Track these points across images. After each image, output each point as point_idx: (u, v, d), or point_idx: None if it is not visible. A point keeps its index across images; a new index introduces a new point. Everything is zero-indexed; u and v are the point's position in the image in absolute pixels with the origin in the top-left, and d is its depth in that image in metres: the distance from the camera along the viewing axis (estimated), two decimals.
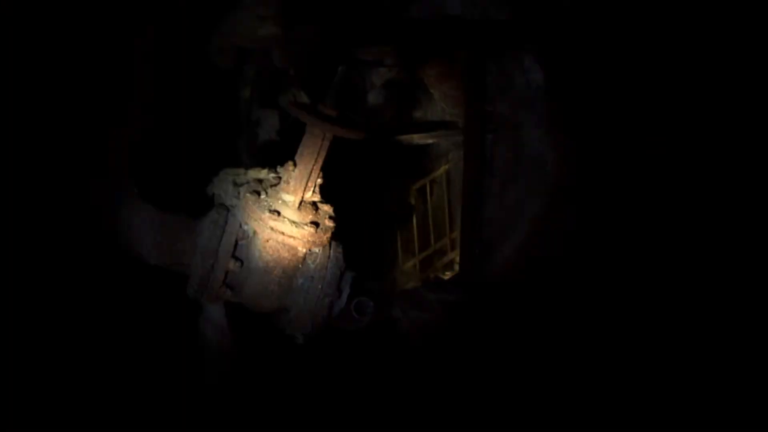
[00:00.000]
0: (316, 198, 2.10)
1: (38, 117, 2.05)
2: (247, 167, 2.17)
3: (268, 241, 1.97)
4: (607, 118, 2.95)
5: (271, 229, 1.95)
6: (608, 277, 2.83)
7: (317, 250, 2.04)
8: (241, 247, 1.99)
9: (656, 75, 2.92)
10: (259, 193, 2.01)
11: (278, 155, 2.13)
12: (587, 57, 2.93)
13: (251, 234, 1.99)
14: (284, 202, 2.01)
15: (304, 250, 2.02)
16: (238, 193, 2.06)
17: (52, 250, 2.20)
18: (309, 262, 2.04)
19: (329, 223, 2.06)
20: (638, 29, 2.89)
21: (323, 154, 1.97)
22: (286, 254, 1.99)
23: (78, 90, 2.09)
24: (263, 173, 2.12)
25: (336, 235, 2.10)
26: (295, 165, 2.02)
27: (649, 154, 2.93)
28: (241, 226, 1.99)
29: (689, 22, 2.83)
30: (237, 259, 1.98)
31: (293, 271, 2.02)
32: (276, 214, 1.95)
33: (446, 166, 3.77)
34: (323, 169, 2.02)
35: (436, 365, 2.83)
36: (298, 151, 2.00)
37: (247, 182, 2.09)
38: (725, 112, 2.82)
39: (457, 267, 3.70)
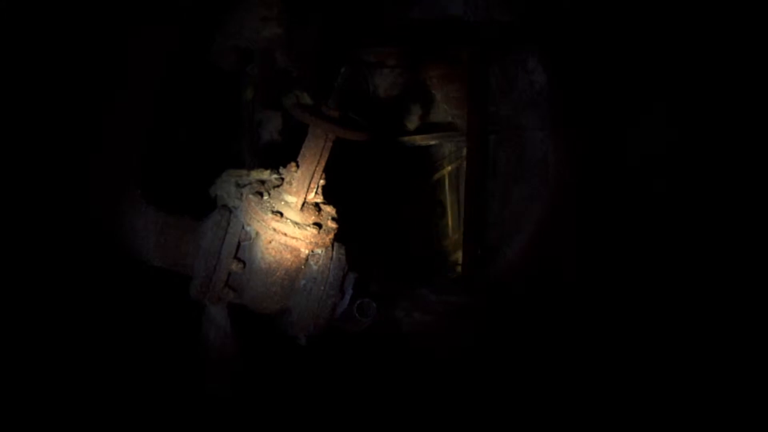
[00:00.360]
0: (319, 199, 2.09)
1: (39, 118, 2.05)
2: (250, 168, 2.16)
3: (270, 242, 1.96)
4: (610, 120, 2.94)
5: (274, 230, 1.94)
6: (612, 279, 2.82)
7: (320, 251, 2.04)
8: (243, 248, 1.99)
9: (659, 76, 2.92)
10: (261, 194, 2.00)
11: (281, 156, 2.12)
12: (590, 58, 2.93)
13: (254, 235, 1.98)
14: (287, 203, 2.00)
15: (307, 252, 2.01)
16: (241, 194, 2.05)
17: (53, 252, 2.19)
18: (311, 263, 2.03)
19: (332, 224, 2.06)
20: (640, 30, 2.89)
21: (326, 155, 1.97)
22: (288, 255, 1.98)
23: (79, 91, 2.08)
24: (266, 174, 2.12)
25: (339, 236, 2.09)
26: (297, 166, 2.01)
27: (652, 155, 2.93)
28: (243, 227, 1.98)
29: (691, 22, 2.83)
30: (239, 260, 1.97)
31: (296, 273, 2.02)
32: (278, 215, 1.95)
33: (449, 168, 3.77)
34: (326, 170, 2.02)
35: (438, 366, 2.82)
36: (301, 152, 2.00)
37: (250, 183, 2.08)
38: (729, 112, 2.82)
39: (459, 268, 3.70)
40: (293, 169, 2.02)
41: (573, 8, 2.90)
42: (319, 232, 1.99)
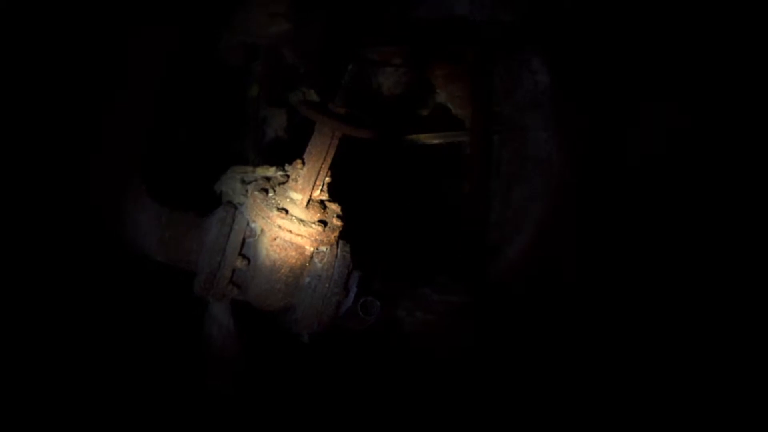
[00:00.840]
0: (324, 196, 2.09)
1: (43, 115, 2.04)
2: (255, 165, 2.16)
3: (275, 239, 1.96)
4: (613, 120, 2.95)
5: (279, 227, 1.94)
6: (614, 279, 2.82)
7: (325, 249, 2.03)
8: (248, 245, 1.98)
9: (662, 76, 2.93)
10: (266, 191, 2.00)
11: (286, 153, 2.12)
12: (593, 59, 2.93)
13: (259, 232, 1.98)
14: (292, 200, 2.00)
15: (312, 249, 2.01)
16: (246, 190, 2.05)
17: (55, 247, 2.19)
18: (316, 260, 2.03)
19: (337, 222, 2.05)
20: (643, 30, 2.90)
21: (332, 152, 1.96)
22: (293, 253, 1.98)
23: (81, 87, 2.08)
24: (271, 171, 2.12)
25: (344, 234, 2.09)
26: (303, 163, 2.01)
27: (655, 156, 2.94)
28: (248, 223, 1.98)
29: (694, 21, 2.84)
30: (244, 256, 1.97)
31: (300, 270, 2.01)
32: (284, 212, 1.94)
33: None
34: (332, 167, 2.01)
35: (439, 366, 2.82)
36: (307, 150, 1.99)
37: (255, 180, 2.08)
38: (731, 113, 2.83)
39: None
40: (299, 166, 2.02)
41: (575, 8, 2.91)
42: (324, 230, 1.99)
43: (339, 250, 2.06)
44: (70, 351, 2.25)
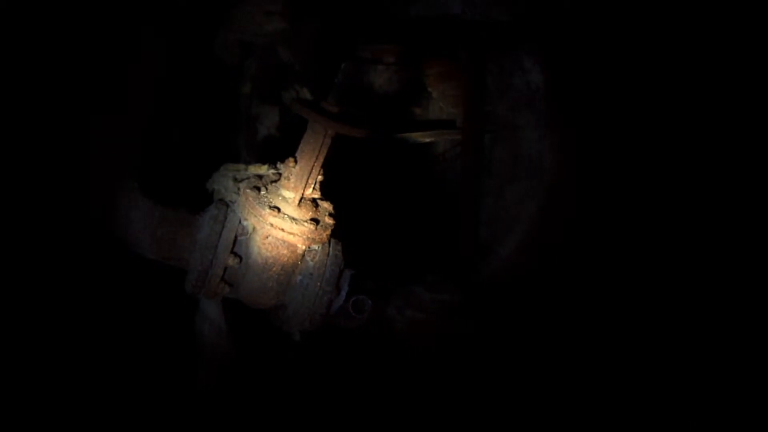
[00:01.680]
0: (317, 195, 2.09)
1: (39, 112, 2.04)
2: (247, 163, 2.16)
3: (267, 237, 1.96)
4: (605, 120, 2.96)
5: (271, 225, 1.94)
6: (606, 278, 2.84)
7: (316, 248, 2.04)
8: (240, 242, 1.98)
9: (656, 76, 2.94)
10: (259, 189, 2.00)
11: (278, 151, 2.12)
12: (587, 58, 2.94)
13: (250, 230, 1.98)
14: (284, 198, 2.00)
15: (304, 247, 2.01)
16: (238, 188, 2.05)
17: (49, 244, 2.18)
18: (308, 259, 2.03)
19: (329, 221, 2.06)
20: (638, 30, 2.91)
21: (324, 151, 1.96)
22: (285, 251, 1.98)
23: (78, 85, 2.07)
24: (263, 169, 2.12)
25: (336, 233, 2.09)
26: (295, 161, 2.01)
27: (648, 155, 2.95)
28: (240, 221, 1.98)
29: (689, 22, 2.85)
30: (236, 254, 1.97)
31: (292, 268, 2.01)
32: (276, 210, 1.94)
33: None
34: (324, 166, 2.01)
35: (430, 365, 2.83)
36: (299, 148, 1.99)
37: (247, 178, 2.08)
38: (725, 113, 2.85)
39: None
40: (291, 164, 2.02)
41: (573, 8, 2.91)
42: (316, 228, 1.99)
43: (331, 248, 2.06)
44: (63, 347, 2.25)
